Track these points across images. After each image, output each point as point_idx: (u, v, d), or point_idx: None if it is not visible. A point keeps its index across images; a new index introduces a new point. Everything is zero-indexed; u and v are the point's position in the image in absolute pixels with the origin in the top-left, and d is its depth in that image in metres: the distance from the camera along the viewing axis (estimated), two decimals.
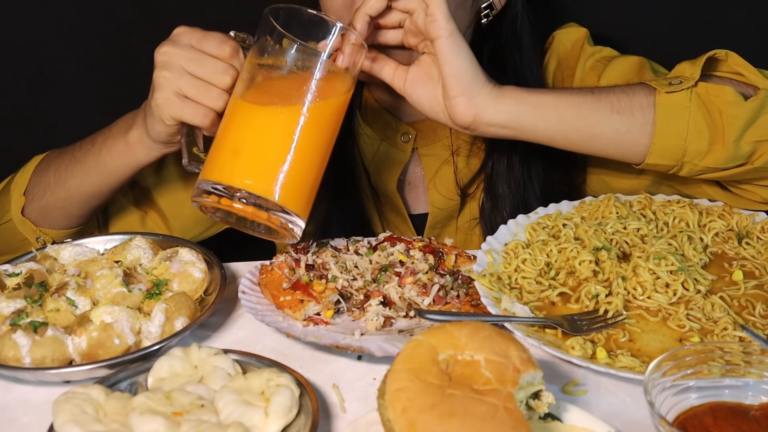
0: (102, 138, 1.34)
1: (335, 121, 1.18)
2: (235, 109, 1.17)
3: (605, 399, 1.03)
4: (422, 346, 0.93)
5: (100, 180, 1.35)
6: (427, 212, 1.62)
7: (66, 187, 1.37)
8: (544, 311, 1.17)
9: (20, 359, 1.07)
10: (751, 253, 1.27)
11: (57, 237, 1.42)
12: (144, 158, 1.31)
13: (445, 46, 1.17)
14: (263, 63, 1.15)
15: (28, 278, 1.20)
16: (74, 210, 1.40)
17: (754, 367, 0.96)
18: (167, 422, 0.90)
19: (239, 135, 1.16)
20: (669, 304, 1.15)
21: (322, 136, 1.17)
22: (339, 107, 1.18)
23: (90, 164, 1.34)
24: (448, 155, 1.59)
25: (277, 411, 0.94)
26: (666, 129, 1.23)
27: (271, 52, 1.14)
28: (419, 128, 1.58)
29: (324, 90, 1.14)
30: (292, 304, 1.19)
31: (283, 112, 1.15)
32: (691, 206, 1.35)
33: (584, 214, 1.37)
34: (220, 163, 1.16)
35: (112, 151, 1.31)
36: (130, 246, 1.26)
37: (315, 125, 1.15)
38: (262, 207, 1.14)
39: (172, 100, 1.19)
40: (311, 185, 1.18)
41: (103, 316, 1.10)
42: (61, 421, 0.92)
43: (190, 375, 1.01)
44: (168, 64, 1.18)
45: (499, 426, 0.84)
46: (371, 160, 1.60)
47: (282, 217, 1.15)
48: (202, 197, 1.16)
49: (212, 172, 1.16)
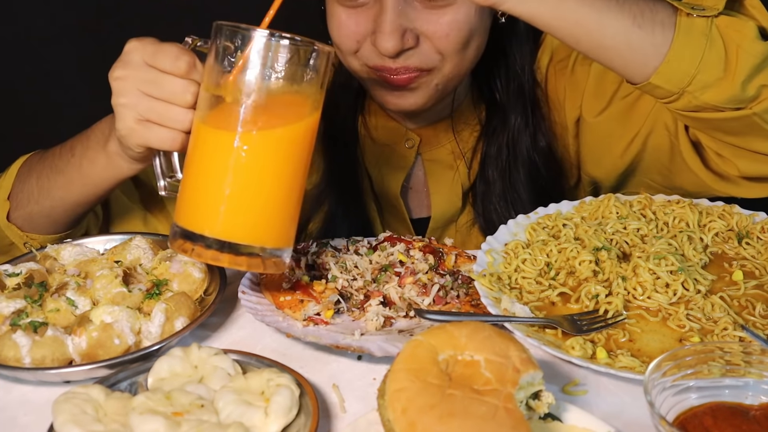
0: (81, 148, 1.28)
1: (308, 141, 1.11)
2: (195, 135, 1.10)
3: (605, 399, 1.03)
4: (422, 346, 0.93)
5: (85, 191, 1.30)
6: (427, 216, 1.62)
7: (50, 197, 1.32)
8: (544, 311, 1.17)
9: (20, 359, 1.06)
10: (751, 253, 1.27)
11: (45, 242, 1.37)
12: (127, 171, 1.25)
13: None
14: (218, 81, 1.08)
15: (28, 278, 1.20)
16: (60, 218, 1.36)
17: (754, 367, 0.96)
18: (167, 422, 0.90)
19: (200, 167, 1.09)
20: (669, 304, 1.15)
21: (294, 161, 1.09)
22: (310, 127, 1.11)
23: (73, 176, 1.29)
24: (452, 160, 1.59)
25: (277, 411, 0.94)
26: (682, 52, 1.18)
27: (224, 72, 1.06)
28: (423, 134, 1.58)
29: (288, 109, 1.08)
30: (292, 304, 1.19)
31: (243, 139, 1.06)
32: (691, 206, 1.35)
33: (584, 214, 1.37)
34: (185, 202, 1.11)
35: (94, 164, 1.26)
36: (130, 246, 1.26)
37: (286, 149, 1.08)
38: (235, 252, 1.08)
39: (134, 129, 1.13)
40: (289, 215, 1.12)
41: (103, 316, 1.10)
42: (61, 421, 0.92)
43: (190, 375, 1.01)
44: (124, 90, 1.12)
45: (499, 426, 0.84)
46: (374, 165, 1.60)
47: (264, 255, 1.10)
48: (177, 242, 1.11)
49: (178, 213, 1.11)
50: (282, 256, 1.13)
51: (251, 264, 1.10)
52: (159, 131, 1.13)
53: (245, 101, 1.06)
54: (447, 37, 1.37)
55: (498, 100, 1.57)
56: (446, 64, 1.41)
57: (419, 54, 1.38)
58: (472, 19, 1.38)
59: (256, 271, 1.11)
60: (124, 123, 1.13)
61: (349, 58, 1.43)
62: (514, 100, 1.55)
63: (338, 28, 1.39)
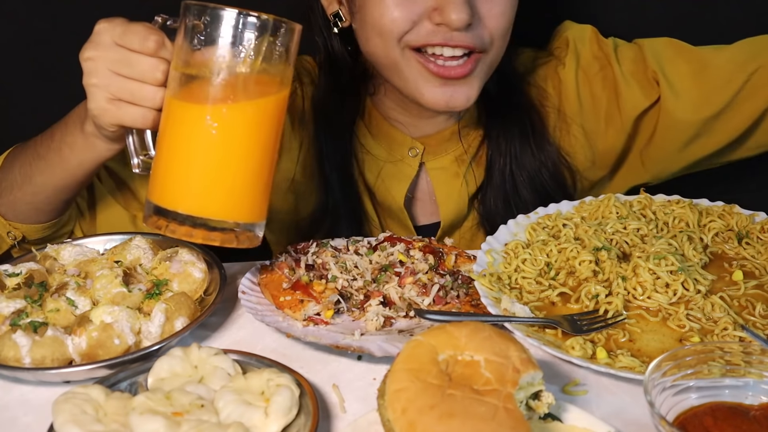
0: (60, 132, 1.29)
1: (276, 118, 1.12)
2: (166, 112, 1.12)
3: (605, 399, 1.03)
4: (422, 346, 0.93)
5: (66, 175, 1.30)
6: (431, 223, 1.61)
7: (32, 183, 1.33)
8: (544, 311, 1.17)
9: (20, 359, 1.06)
10: (751, 253, 1.27)
11: (28, 232, 1.38)
12: (105, 153, 1.26)
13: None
14: (187, 59, 1.09)
15: (28, 278, 1.20)
16: (43, 205, 1.36)
17: (754, 367, 0.96)
18: (167, 422, 0.90)
19: (171, 144, 1.11)
20: (669, 304, 1.15)
21: (264, 136, 1.11)
22: (279, 102, 1.12)
23: (53, 161, 1.29)
24: (456, 167, 1.58)
25: (277, 411, 0.94)
26: None
27: (193, 50, 1.08)
28: (427, 142, 1.58)
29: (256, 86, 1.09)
30: (292, 304, 1.19)
31: (212, 115, 1.08)
32: (690, 206, 1.35)
33: (584, 214, 1.37)
34: (157, 179, 1.12)
35: (73, 148, 1.26)
36: (130, 246, 1.26)
37: (255, 124, 1.10)
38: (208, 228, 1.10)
39: (106, 108, 1.14)
40: (260, 190, 1.13)
41: (103, 316, 1.10)
42: (61, 421, 0.92)
43: (190, 375, 1.01)
44: (95, 70, 1.13)
45: (498, 426, 0.84)
46: (376, 179, 1.59)
47: (237, 230, 1.11)
48: (151, 219, 1.12)
49: (152, 190, 1.12)
50: (255, 230, 1.14)
51: (225, 239, 1.11)
52: (130, 109, 1.14)
53: (214, 78, 1.07)
54: (503, 15, 1.39)
55: (496, 104, 1.56)
56: (493, 48, 1.41)
57: (475, 33, 1.37)
58: (515, 7, 1.41)
59: (230, 246, 1.12)
60: (95, 103, 1.15)
61: (392, 46, 1.39)
62: (511, 104, 1.56)
63: (391, 9, 1.36)
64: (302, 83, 1.59)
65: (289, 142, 1.58)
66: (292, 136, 1.58)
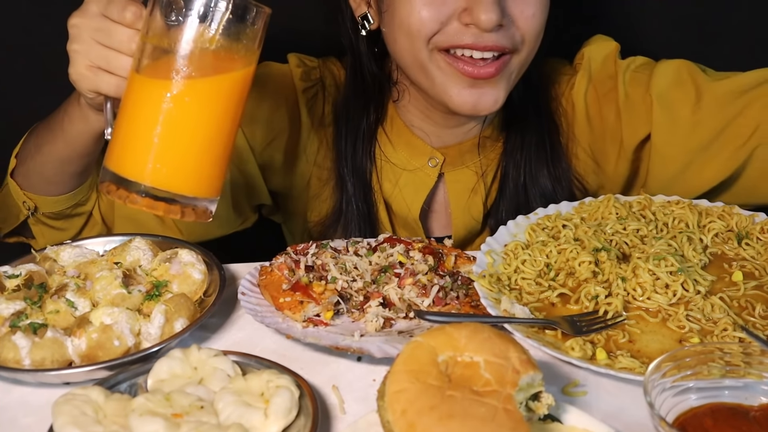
0: (65, 105, 1.34)
1: (235, 96, 1.13)
2: (128, 82, 1.13)
3: (605, 400, 1.03)
4: (422, 347, 0.93)
5: (66, 146, 1.35)
6: (445, 236, 1.59)
7: (40, 152, 1.39)
8: (544, 312, 1.17)
9: (20, 361, 1.07)
10: (751, 254, 1.27)
11: (41, 203, 1.44)
12: (97, 124, 1.29)
13: None
14: (153, 33, 1.11)
15: (28, 280, 1.20)
16: (50, 175, 1.42)
17: (754, 368, 0.96)
18: (167, 423, 0.90)
19: (127, 113, 1.12)
20: (669, 305, 1.15)
21: (223, 111, 1.12)
22: (239, 80, 1.12)
23: (56, 131, 1.35)
24: (475, 181, 1.57)
25: (276, 412, 0.94)
26: None
27: (158, 23, 1.10)
28: (447, 153, 1.57)
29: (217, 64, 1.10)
30: (291, 306, 1.19)
31: (173, 88, 1.09)
32: (690, 207, 1.35)
33: (584, 215, 1.37)
34: (112, 145, 1.14)
35: (72, 119, 1.31)
36: (130, 247, 1.27)
37: (215, 99, 1.11)
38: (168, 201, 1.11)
39: (85, 75, 1.17)
40: (217, 166, 1.14)
41: (103, 317, 1.10)
42: (61, 422, 0.92)
43: (190, 376, 1.01)
44: (78, 36, 1.16)
45: (498, 427, 0.84)
46: (393, 188, 1.58)
47: (181, 203, 1.12)
48: (104, 185, 1.14)
49: (110, 157, 1.14)
50: (202, 205, 1.14)
51: (169, 210, 1.12)
52: (107, 78, 1.17)
53: (178, 51, 1.08)
54: (534, 17, 1.38)
55: (516, 117, 1.55)
56: (524, 49, 1.40)
57: (507, 34, 1.36)
58: (547, 9, 1.41)
59: (174, 217, 1.13)
60: (75, 68, 1.18)
61: (420, 47, 1.38)
62: (531, 114, 1.55)
63: (420, 9, 1.35)
64: (324, 86, 1.59)
65: (308, 143, 1.58)
66: (311, 137, 1.58)
